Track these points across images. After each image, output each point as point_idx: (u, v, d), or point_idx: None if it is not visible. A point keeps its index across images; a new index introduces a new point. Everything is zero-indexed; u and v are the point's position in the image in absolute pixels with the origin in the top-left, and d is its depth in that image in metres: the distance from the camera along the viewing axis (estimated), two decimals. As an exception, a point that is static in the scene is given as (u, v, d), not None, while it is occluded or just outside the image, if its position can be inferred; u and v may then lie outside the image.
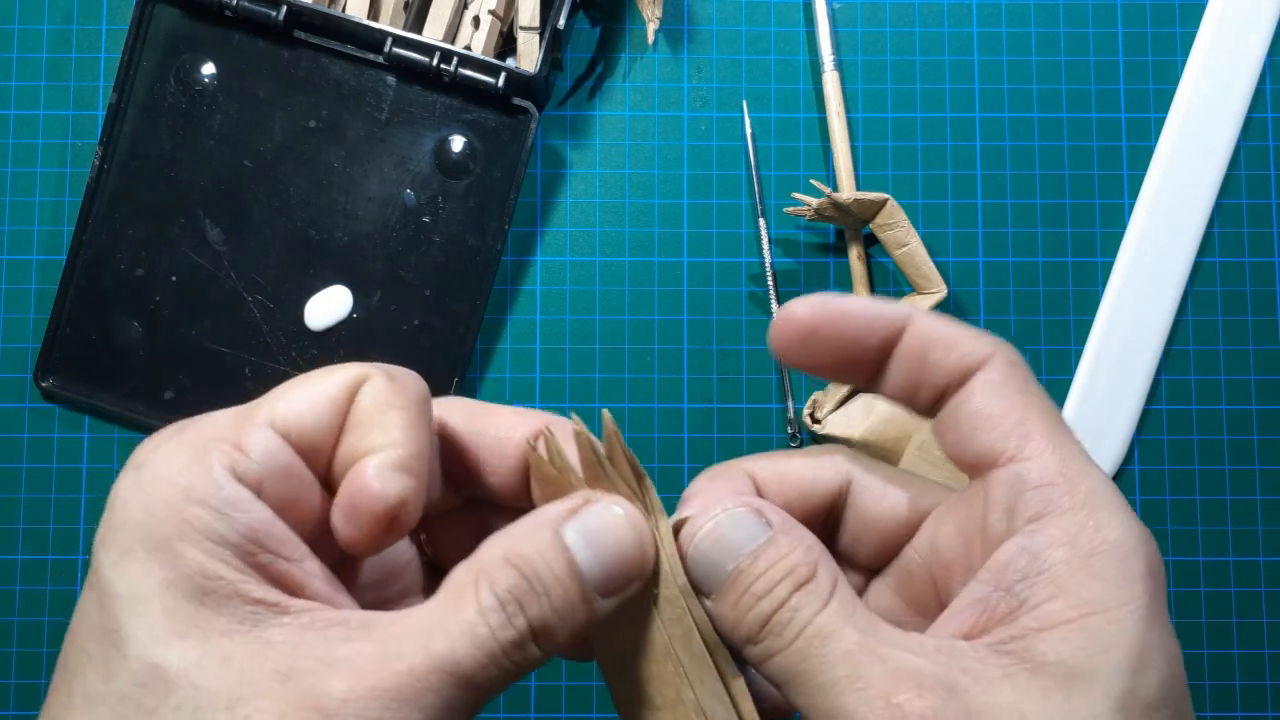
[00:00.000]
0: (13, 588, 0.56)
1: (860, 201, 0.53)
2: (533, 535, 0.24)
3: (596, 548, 0.24)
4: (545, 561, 0.24)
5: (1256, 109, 0.58)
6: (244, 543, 0.23)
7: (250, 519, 0.23)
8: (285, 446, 0.24)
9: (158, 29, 0.56)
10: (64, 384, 0.56)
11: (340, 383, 0.25)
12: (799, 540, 0.25)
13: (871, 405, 0.54)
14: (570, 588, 0.24)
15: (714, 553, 0.25)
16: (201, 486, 0.23)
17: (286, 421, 0.25)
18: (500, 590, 0.23)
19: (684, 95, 0.59)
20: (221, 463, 0.23)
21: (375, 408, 0.25)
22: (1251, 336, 0.57)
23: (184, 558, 0.22)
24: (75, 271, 0.56)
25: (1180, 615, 0.56)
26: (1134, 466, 0.56)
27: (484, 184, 0.56)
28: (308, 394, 0.25)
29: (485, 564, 0.24)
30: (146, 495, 0.23)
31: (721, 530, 0.25)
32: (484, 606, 0.23)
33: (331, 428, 0.25)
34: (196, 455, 0.23)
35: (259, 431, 0.24)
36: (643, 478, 0.26)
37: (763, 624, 0.24)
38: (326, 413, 0.25)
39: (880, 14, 0.59)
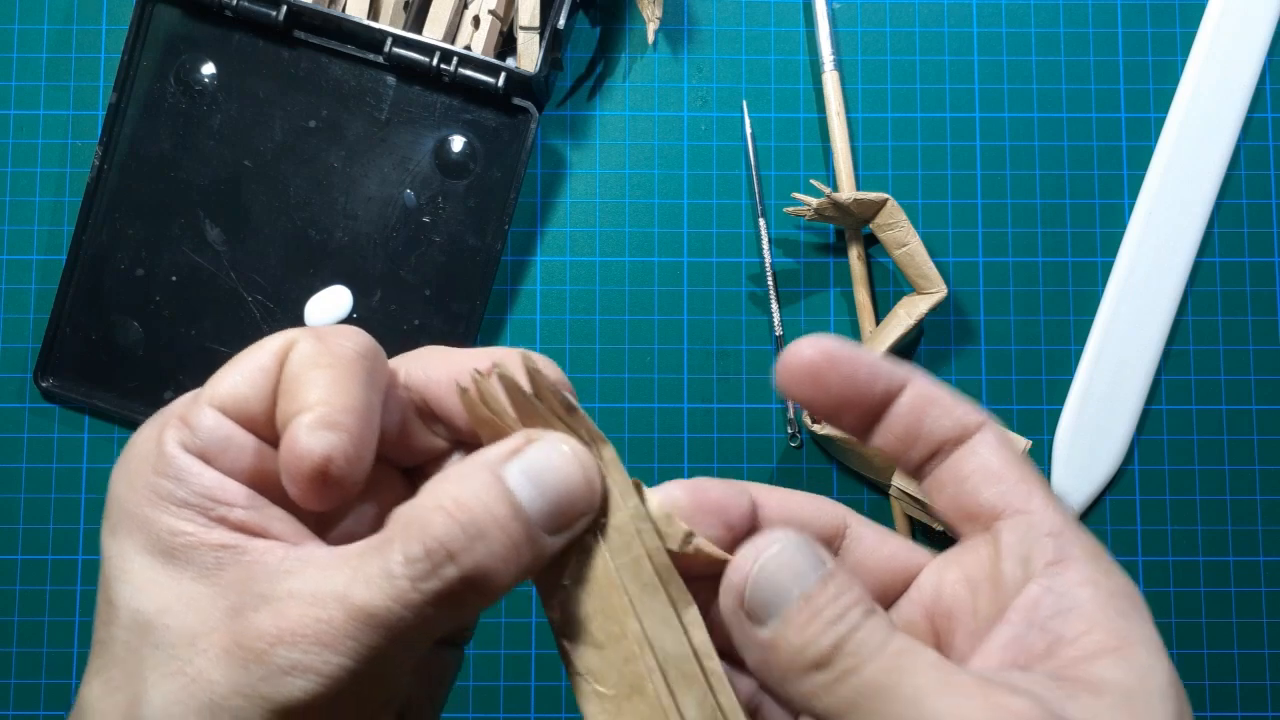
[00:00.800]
0: (13, 588, 0.56)
1: (860, 201, 0.53)
2: (471, 479, 0.25)
3: (541, 485, 0.25)
4: (484, 505, 0.24)
5: (1256, 109, 0.58)
6: (202, 501, 0.26)
7: (204, 480, 0.26)
8: (224, 420, 0.27)
9: (158, 29, 0.56)
10: (64, 384, 0.56)
11: (269, 352, 0.27)
12: (853, 578, 0.25)
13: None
14: (513, 529, 0.24)
15: (781, 576, 0.24)
16: (160, 460, 0.26)
17: (223, 396, 0.27)
18: (429, 539, 0.24)
19: (684, 95, 0.59)
20: (174, 439, 0.26)
21: (300, 370, 0.27)
22: (1251, 336, 0.57)
23: (155, 522, 0.25)
24: (75, 271, 0.56)
25: (1180, 615, 0.56)
26: (1134, 466, 0.56)
27: (484, 184, 0.56)
28: (240, 369, 0.27)
29: (418, 510, 0.24)
30: (127, 475, 0.26)
31: (788, 556, 0.24)
32: (407, 557, 0.24)
33: (265, 394, 0.27)
34: (156, 435, 0.27)
35: (200, 410, 0.27)
36: (574, 410, 0.26)
37: (836, 645, 0.23)
38: (257, 381, 0.27)
39: (880, 14, 0.59)
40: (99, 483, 0.56)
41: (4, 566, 0.56)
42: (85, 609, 0.56)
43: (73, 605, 0.56)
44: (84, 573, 0.56)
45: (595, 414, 0.57)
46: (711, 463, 0.56)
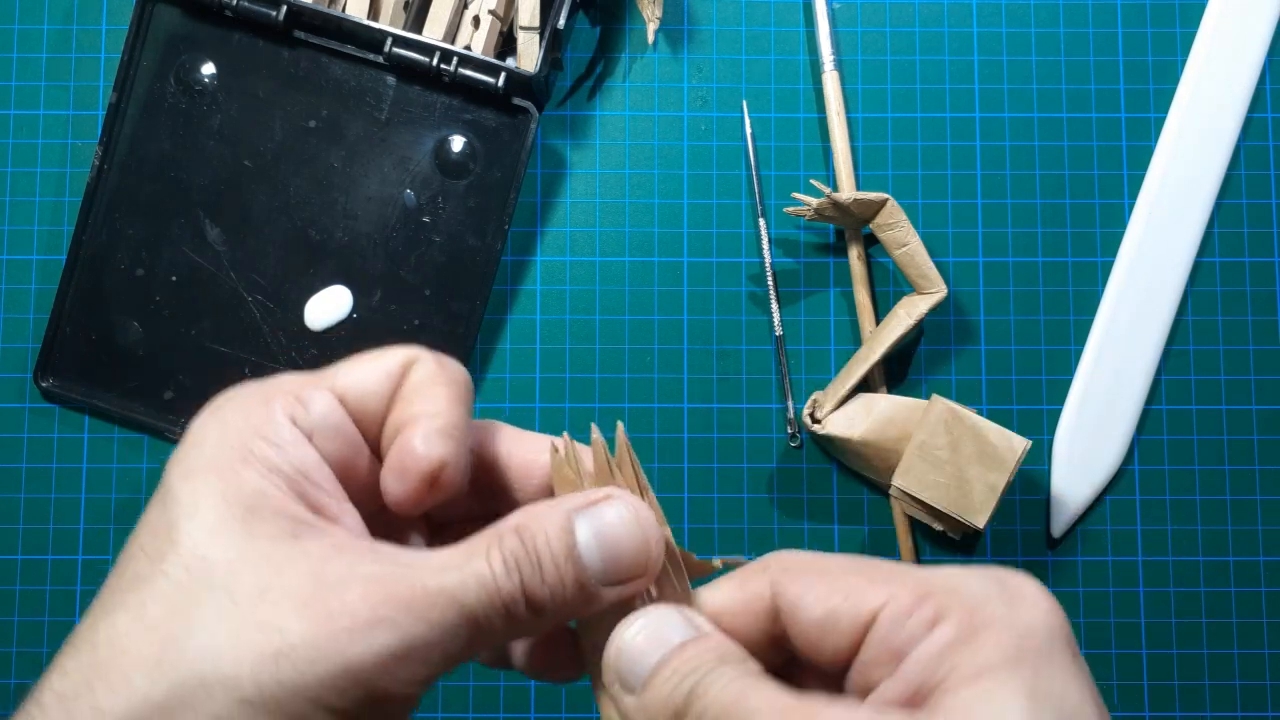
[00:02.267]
0: (13, 588, 0.56)
1: (860, 201, 0.53)
2: (545, 515, 0.27)
3: (601, 539, 0.27)
4: (547, 539, 0.26)
5: (1256, 109, 0.58)
6: (294, 474, 0.27)
7: (302, 455, 0.27)
8: (339, 408, 0.28)
9: (158, 29, 0.56)
10: (64, 384, 0.56)
11: (396, 360, 0.29)
12: (727, 639, 0.27)
13: (872, 405, 0.54)
14: (565, 569, 0.26)
15: (643, 645, 0.27)
16: (264, 425, 0.27)
17: (344, 387, 0.29)
18: (505, 550, 0.26)
19: (684, 95, 0.59)
20: (284, 409, 0.27)
21: (423, 383, 0.29)
22: (1251, 336, 0.57)
23: (242, 477, 0.26)
24: (75, 271, 0.56)
25: (1180, 615, 0.56)
26: (1134, 466, 0.56)
27: (484, 184, 0.56)
28: (366, 367, 0.29)
29: (500, 528, 0.27)
30: (220, 427, 0.27)
31: (653, 626, 0.27)
32: (491, 559, 0.26)
33: (383, 396, 0.29)
34: (264, 401, 0.27)
35: (319, 391, 0.28)
36: (646, 490, 0.28)
37: (690, 692, 0.25)
38: (380, 383, 0.29)
39: (880, 14, 0.59)
40: (99, 483, 0.56)
41: (4, 566, 0.56)
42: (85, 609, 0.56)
43: (73, 605, 0.56)
44: (84, 573, 0.56)
45: (595, 414, 0.57)
46: (712, 463, 0.56)
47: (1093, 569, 0.56)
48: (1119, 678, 0.55)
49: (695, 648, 0.26)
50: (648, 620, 0.27)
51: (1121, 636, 0.55)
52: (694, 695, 0.25)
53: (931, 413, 0.51)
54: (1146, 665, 0.55)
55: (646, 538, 0.27)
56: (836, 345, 0.57)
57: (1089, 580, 0.56)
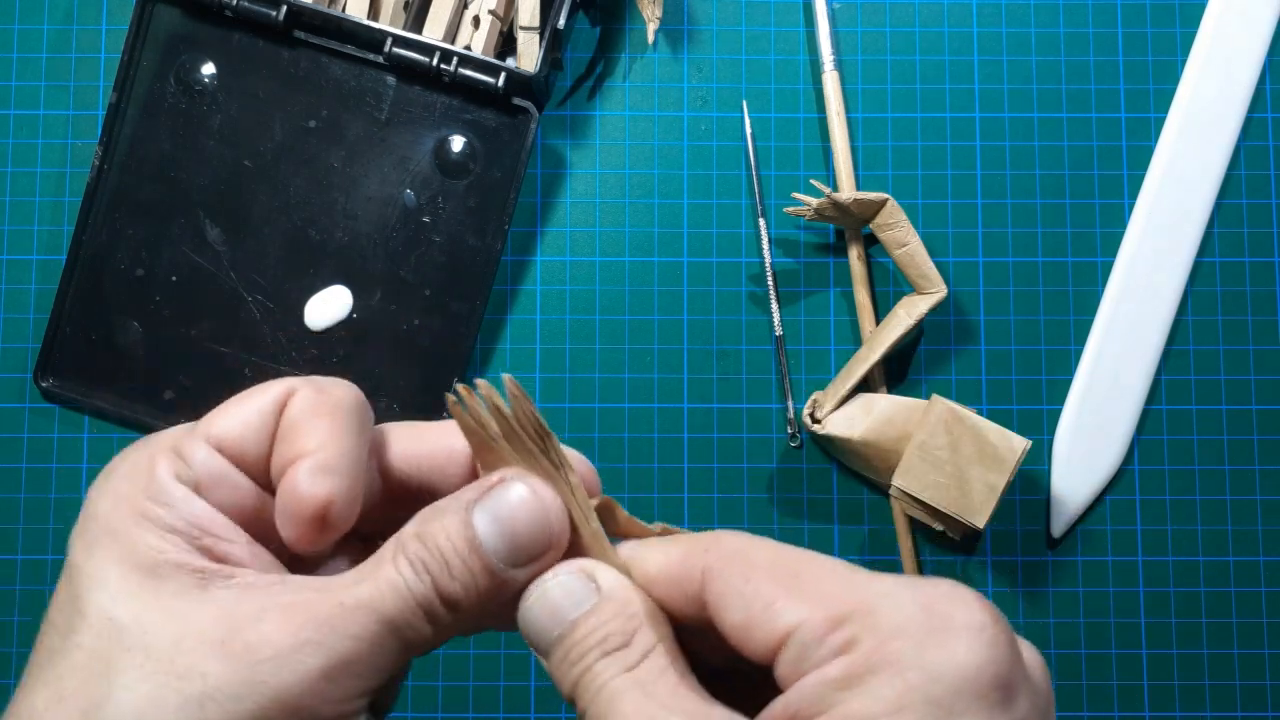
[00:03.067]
0: (13, 588, 0.56)
1: (860, 201, 0.53)
2: (442, 515, 0.27)
3: (500, 524, 0.27)
4: (448, 535, 0.27)
5: (1256, 109, 0.58)
6: (189, 529, 0.27)
7: (193, 510, 0.27)
8: (218, 457, 0.28)
9: (158, 29, 0.56)
10: (64, 384, 0.56)
11: (270, 398, 0.28)
12: (622, 608, 0.27)
13: (871, 405, 0.54)
14: (471, 561, 0.26)
15: (542, 618, 0.27)
16: (150, 486, 0.27)
17: (220, 436, 0.28)
18: (410, 555, 0.26)
19: (684, 95, 0.59)
20: (167, 468, 0.27)
21: (301, 417, 0.28)
22: (1251, 336, 0.57)
23: (139, 541, 0.26)
24: (75, 271, 0.56)
25: (1180, 615, 0.56)
26: (1134, 466, 0.56)
27: (484, 184, 0.56)
28: (240, 411, 0.28)
29: (401, 535, 0.27)
30: (110, 494, 0.27)
31: (549, 596, 0.27)
32: (399, 565, 0.26)
33: (260, 439, 0.28)
34: (148, 462, 0.27)
35: (196, 444, 0.28)
36: (547, 435, 0.28)
37: (573, 687, 0.26)
38: (255, 426, 0.28)
39: (880, 14, 0.59)
40: (99, 483, 0.56)
41: (4, 566, 0.56)
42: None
43: (73, 605, 0.56)
44: (84, 573, 0.56)
45: (595, 414, 0.57)
46: (711, 462, 0.56)
47: (1093, 569, 0.56)
48: (1119, 678, 0.55)
49: (586, 626, 0.26)
50: (545, 589, 0.27)
51: (1121, 636, 0.55)
52: (577, 690, 0.26)
53: (931, 413, 0.51)
54: (1146, 665, 0.55)
55: (546, 513, 0.27)
56: (836, 345, 0.57)
57: (1089, 580, 0.56)
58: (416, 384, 0.56)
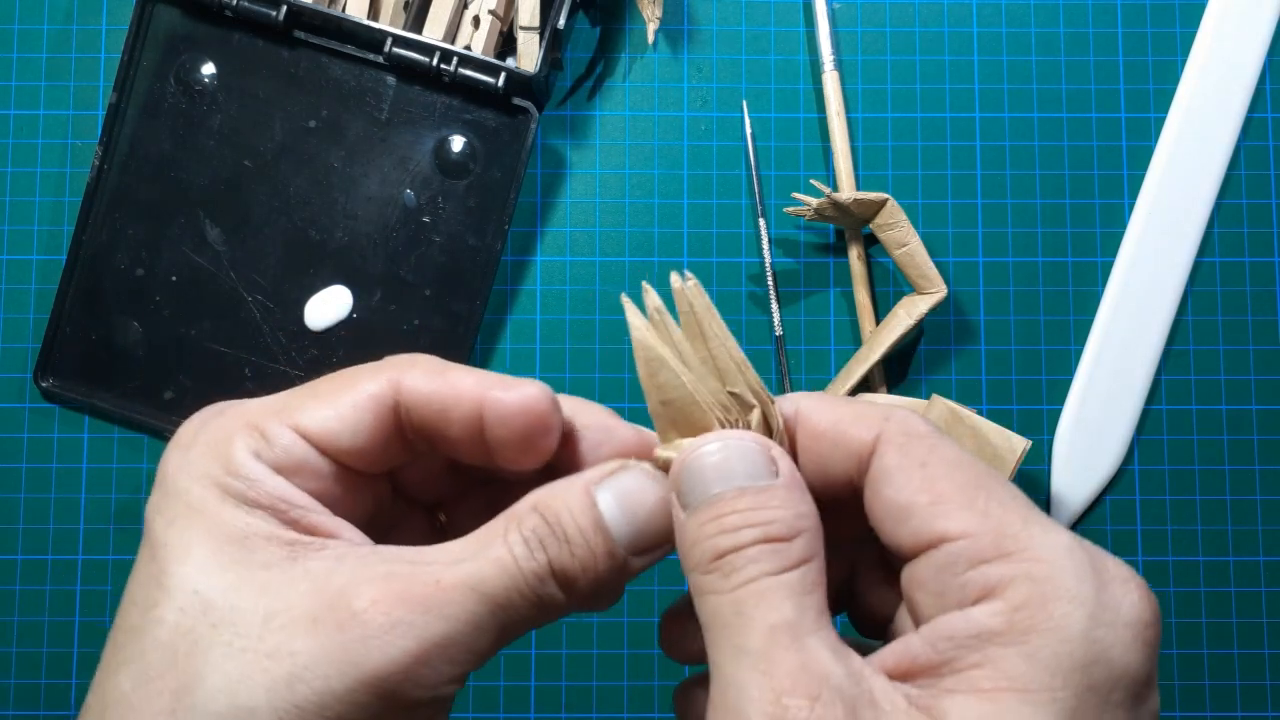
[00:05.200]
0: (13, 588, 0.56)
1: (860, 201, 0.53)
2: (565, 490, 0.26)
3: (627, 510, 0.26)
4: (570, 513, 0.26)
5: (1256, 109, 0.58)
6: (275, 504, 0.26)
7: (276, 486, 0.26)
8: (302, 444, 0.27)
9: (158, 29, 0.56)
10: (64, 384, 0.56)
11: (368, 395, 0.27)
12: (795, 503, 0.25)
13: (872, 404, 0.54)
14: (595, 541, 0.26)
15: (710, 472, 0.25)
16: (231, 463, 0.26)
17: (307, 426, 0.27)
18: (525, 530, 0.25)
19: (684, 95, 0.59)
20: (246, 448, 0.26)
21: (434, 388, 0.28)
22: (1251, 336, 0.57)
23: (225, 515, 0.25)
24: (75, 271, 0.56)
25: (1180, 615, 0.56)
26: (1134, 466, 0.56)
27: (484, 184, 0.56)
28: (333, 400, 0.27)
29: (516, 510, 0.26)
30: (188, 470, 0.26)
31: (726, 457, 0.25)
32: (510, 540, 0.25)
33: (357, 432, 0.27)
34: (225, 439, 0.26)
35: (280, 427, 0.27)
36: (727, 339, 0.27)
37: (715, 557, 0.24)
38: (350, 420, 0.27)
39: (880, 14, 0.59)
40: (99, 483, 0.56)
41: (4, 566, 0.56)
42: (85, 609, 0.56)
43: (72, 605, 0.56)
44: (84, 573, 0.56)
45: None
46: (711, 463, 0.56)
47: (1093, 569, 0.56)
48: (1119, 678, 0.55)
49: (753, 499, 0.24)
50: (726, 445, 0.25)
51: (1121, 636, 0.55)
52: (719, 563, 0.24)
53: (931, 413, 0.51)
54: (1146, 665, 0.55)
55: (669, 504, 0.26)
56: (836, 345, 0.57)
57: (1089, 580, 0.56)
58: (416, 384, 0.56)
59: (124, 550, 0.56)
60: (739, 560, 0.24)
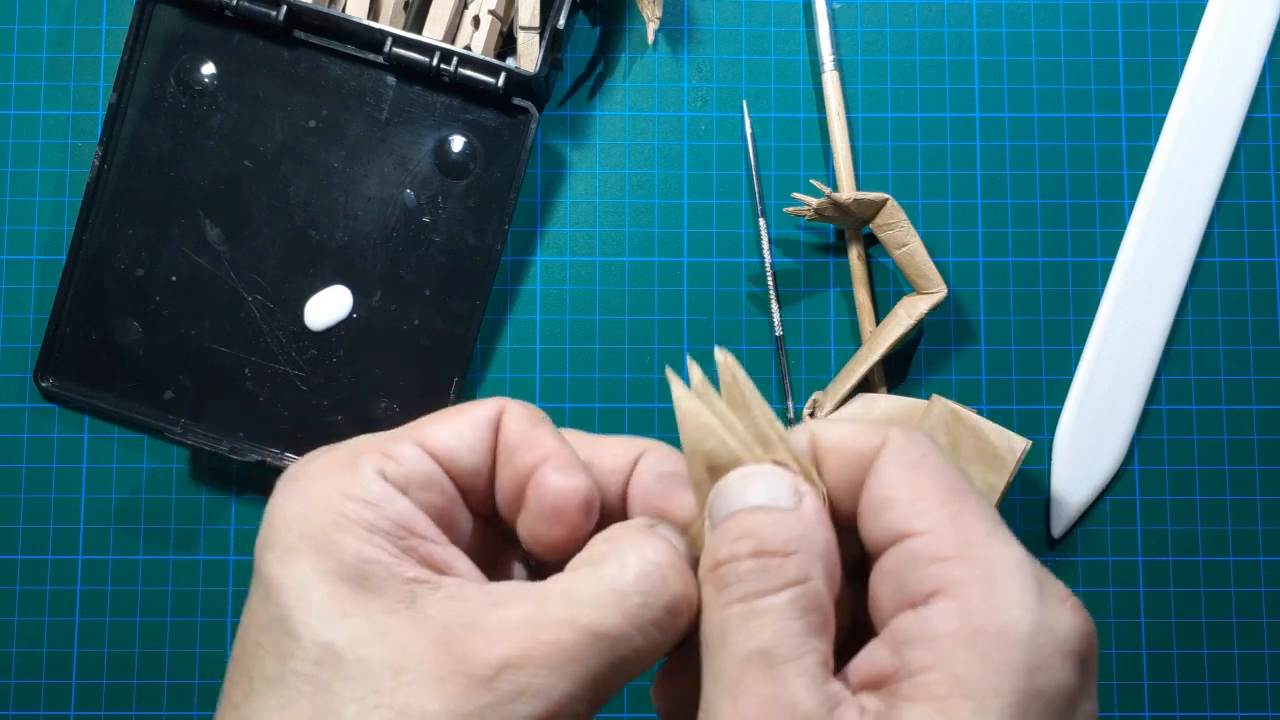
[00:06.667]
0: (13, 588, 0.56)
1: (860, 201, 0.53)
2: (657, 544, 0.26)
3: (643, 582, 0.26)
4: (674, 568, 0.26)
5: (1256, 109, 0.58)
6: (395, 529, 0.25)
7: (400, 509, 0.26)
8: (429, 459, 0.27)
9: (158, 29, 0.56)
10: (64, 384, 0.56)
11: (484, 413, 0.28)
12: (802, 526, 0.25)
13: (871, 405, 0.54)
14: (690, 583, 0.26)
15: (733, 490, 0.26)
16: (353, 485, 0.26)
17: (434, 441, 0.27)
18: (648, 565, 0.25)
19: (684, 95, 0.59)
20: (372, 465, 0.26)
21: (526, 429, 0.28)
22: (1251, 336, 0.57)
23: (342, 546, 0.25)
24: (75, 271, 0.56)
25: (1180, 615, 0.56)
26: (1134, 466, 0.56)
27: (484, 184, 0.56)
28: (454, 422, 0.28)
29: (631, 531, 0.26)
30: (304, 498, 0.26)
31: (754, 479, 0.26)
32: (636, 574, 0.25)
33: (474, 450, 0.28)
34: (349, 461, 0.26)
35: (405, 445, 0.27)
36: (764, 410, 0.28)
37: (714, 566, 0.25)
38: (468, 437, 0.28)
39: (880, 14, 0.59)
40: (99, 483, 0.56)
41: (4, 566, 0.56)
42: (85, 609, 0.56)
43: (72, 605, 0.56)
44: (84, 573, 0.56)
45: (595, 414, 0.57)
46: (711, 463, 0.56)
47: (1093, 569, 0.56)
48: (1119, 678, 0.55)
49: (773, 517, 0.25)
50: (757, 470, 0.26)
51: (1121, 636, 0.55)
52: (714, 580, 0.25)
53: (931, 413, 0.51)
54: (1146, 665, 0.55)
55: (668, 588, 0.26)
56: (836, 345, 0.57)
57: (1089, 580, 0.56)
58: (416, 384, 0.56)
59: (124, 550, 0.56)
60: (730, 574, 0.25)
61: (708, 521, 0.26)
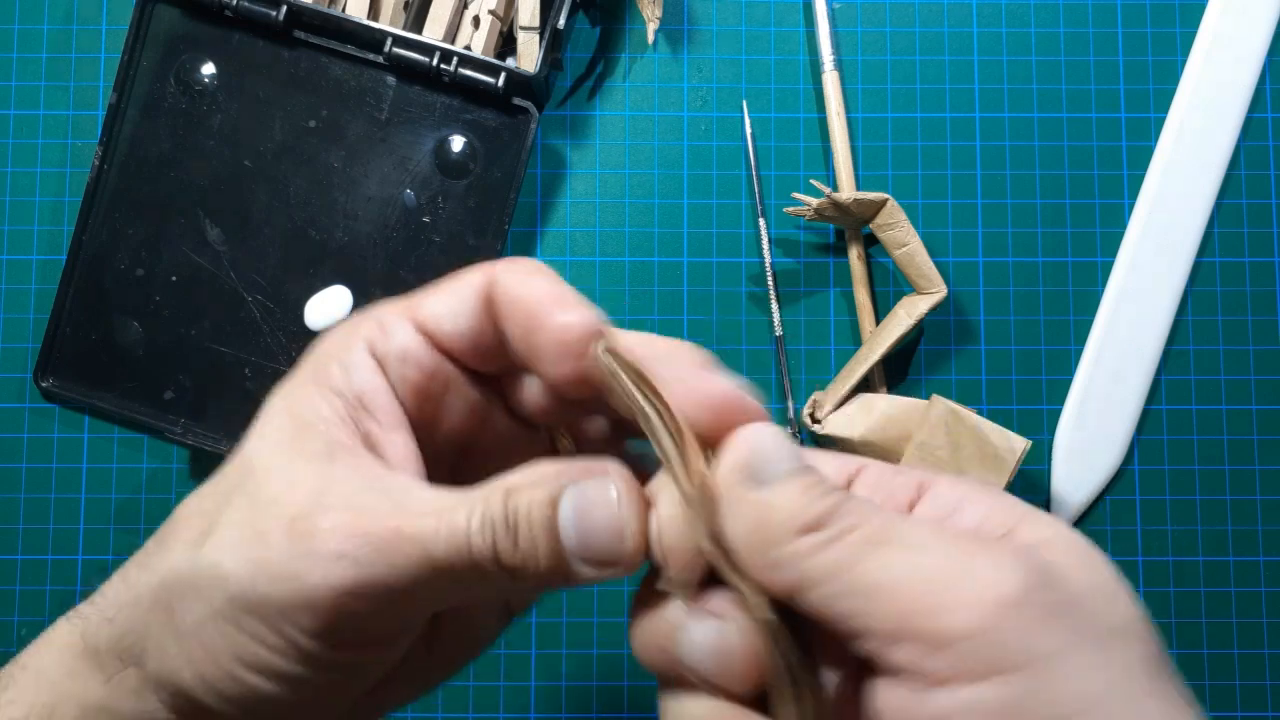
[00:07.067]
0: (13, 588, 0.56)
1: (860, 201, 0.53)
2: (536, 483, 0.26)
3: (580, 522, 0.26)
4: (529, 507, 0.26)
5: (1256, 109, 0.58)
6: (352, 398, 0.28)
7: (365, 380, 0.28)
8: (419, 337, 0.29)
9: (158, 29, 0.56)
10: (64, 384, 0.56)
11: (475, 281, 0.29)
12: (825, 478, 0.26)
13: (871, 405, 0.54)
14: (541, 541, 0.26)
15: (780, 450, 0.26)
16: (343, 349, 0.28)
17: (428, 314, 0.29)
18: (487, 508, 0.26)
19: (684, 95, 0.59)
20: (364, 335, 0.29)
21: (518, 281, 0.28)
22: (1251, 336, 0.57)
23: (305, 395, 0.28)
24: (75, 271, 0.56)
25: (1180, 615, 0.56)
26: (1134, 466, 0.56)
27: (484, 184, 0.56)
28: (448, 292, 0.29)
29: (494, 485, 0.26)
30: (315, 350, 0.29)
31: (781, 439, 0.27)
32: (471, 514, 0.26)
33: (461, 315, 0.29)
34: (354, 326, 0.29)
35: (400, 320, 0.29)
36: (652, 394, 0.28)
37: (831, 510, 0.25)
38: (456, 307, 0.29)
39: (880, 14, 0.59)
40: (99, 483, 0.56)
41: (4, 566, 0.56)
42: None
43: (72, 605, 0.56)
44: (84, 573, 0.56)
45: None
46: (711, 463, 0.56)
47: (1093, 569, 0.56)
48: (1119, 678, 0.55)
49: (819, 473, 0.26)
50: (776, 432, 0.27)
51: (1121, 636, 0.55)
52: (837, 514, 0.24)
53: (931, 413, 0.51)
54: (1146, 665, 0.55)
55: (620, 527, 0.26)
56: (836, 345, 0.57)
57: (1089, 580, 0.56)
58: (416, 384, 0.56)
59: (124, 550, 0.56)
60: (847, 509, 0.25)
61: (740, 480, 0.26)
